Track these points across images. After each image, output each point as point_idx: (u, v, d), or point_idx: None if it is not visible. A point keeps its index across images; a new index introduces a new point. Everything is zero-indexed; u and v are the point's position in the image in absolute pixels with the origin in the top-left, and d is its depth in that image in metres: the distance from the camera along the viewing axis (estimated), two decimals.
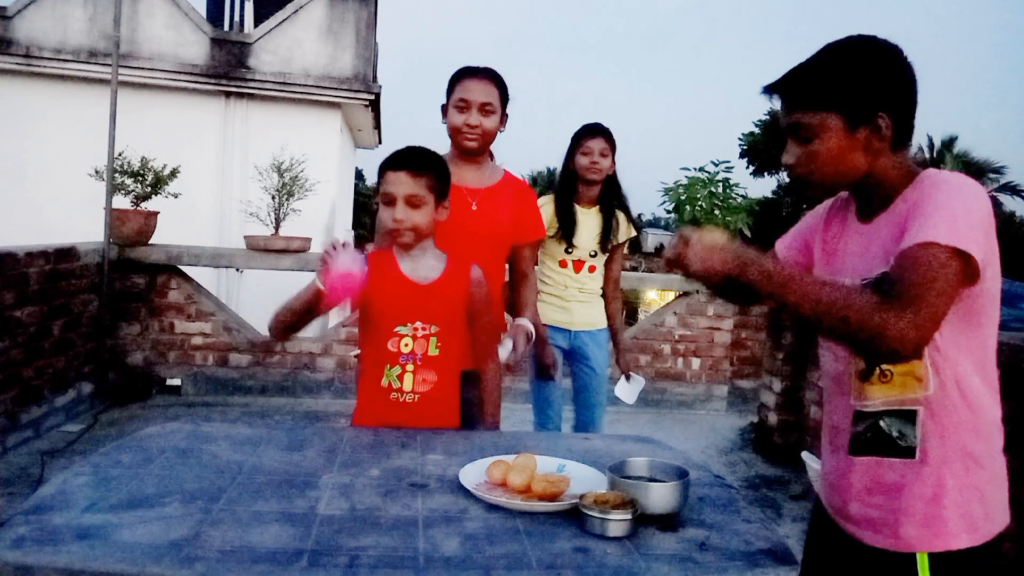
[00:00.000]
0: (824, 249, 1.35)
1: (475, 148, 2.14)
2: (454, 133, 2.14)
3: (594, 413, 3.01)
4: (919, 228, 1.08)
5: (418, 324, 1.82)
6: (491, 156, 2.29)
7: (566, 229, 2.89)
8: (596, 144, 2.87)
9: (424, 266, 1.85)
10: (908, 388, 1.17)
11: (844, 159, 1.19)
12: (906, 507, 1.17)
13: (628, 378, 3.15)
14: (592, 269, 2.97)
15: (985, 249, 1.09)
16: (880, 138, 1.17)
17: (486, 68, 2.18)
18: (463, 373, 1.91)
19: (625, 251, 3.19)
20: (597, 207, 2.95)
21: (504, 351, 2.02)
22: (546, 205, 2.91)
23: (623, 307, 3.24)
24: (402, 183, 1.77)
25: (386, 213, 1.80)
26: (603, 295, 3.07)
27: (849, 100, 1.17)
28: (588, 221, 2.93)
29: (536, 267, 2.96)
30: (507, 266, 2.32)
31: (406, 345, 1.82)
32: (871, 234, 1.23)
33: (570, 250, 2.92)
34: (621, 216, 2.99)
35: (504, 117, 2.20)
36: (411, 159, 1.81)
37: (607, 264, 3.06)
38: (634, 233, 3.07)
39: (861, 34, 1.22)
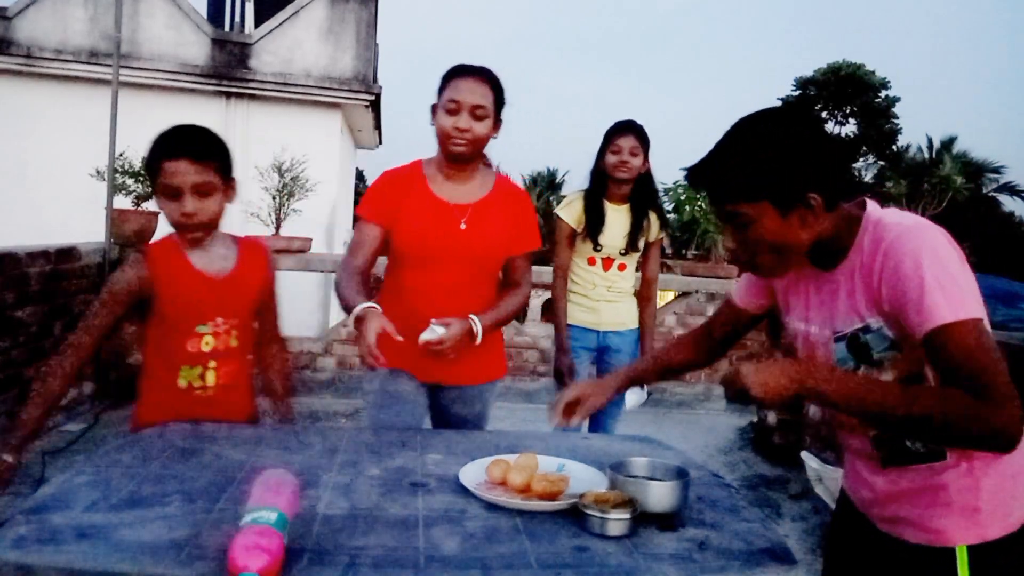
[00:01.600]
0: (788, 292, 1.37)
1: (464, 154, 1.93)
2: (442, 137, 1.93)
3: (606, 414, 2.98)
4: (922, 312, 1.08)
5: (219, 320, 1.72)
6: (485, 160, 2.11)
7: (592, 227, 2.86)
8: (626, 142, 2.81)
9: (216, 257, 1.73)
10: None
11: (781, 240, 1.20)
12: (942, 503, 1.19)
13: (641, 386, 3.11)
14: (623, 267, 2.94)
15: (975, 290, 1.10)
16: (814, 214, 1.17)
17: (481, 67, 1.96)
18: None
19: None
20: (628, 205, 2.91)
21: (428, 334, 1.73)
22: (575, 202, 2.90)
23: (655, 308, 3.14)
24: (186, 172, 1.60)
25: (171, 207, 1.62)
26: (637, 295, 3.05)
27: (776, 189, 1.16)
28: (618, 219, 2.89)
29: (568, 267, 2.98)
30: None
31: (207, 344, 1.72)
32: (834, 282, 1.24)
33: (598, 248, 2.89)
34: (653, 215, 2.94)
35: (498, 122, 1.98)
36: (192, 144, 1.64)
37: (642, 263, 3.03)
38: (664, 233, 3.01)
39: (771, 111, 1.22)
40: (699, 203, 5.59)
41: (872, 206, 1.23)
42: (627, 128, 2.84)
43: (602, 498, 1.21)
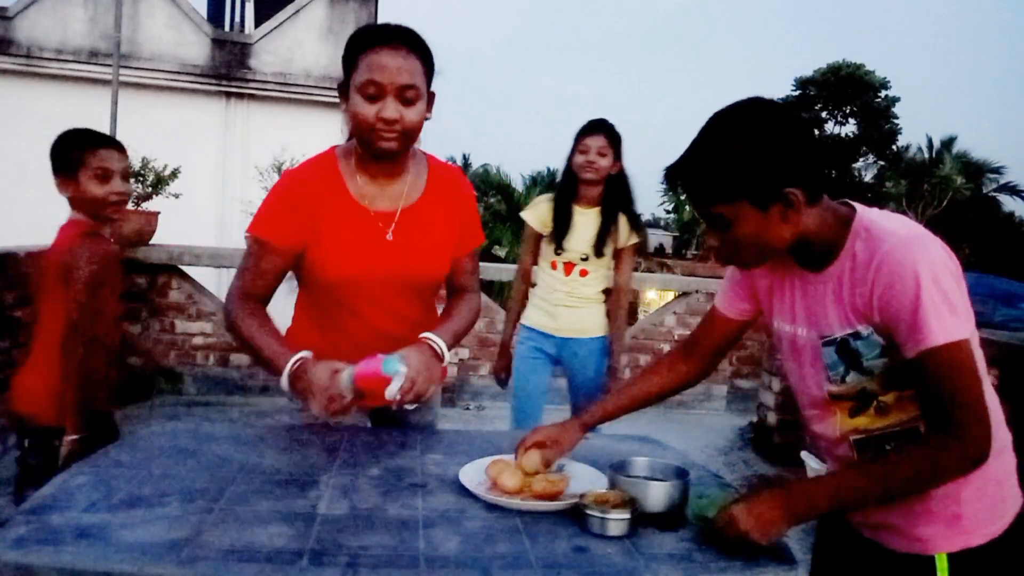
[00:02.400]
0: (773, 293, 1.33)
1: (394, 150, 1.51)
2: (363, 130, 1.49)
3: None
4: (914, 332, 1.08)
5: None
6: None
7: (558, 230, 2.77)
8: (594, 142, 2.71)
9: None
10: (905, 411, 1.19)
11: (765, 237, 1.16)
12: (923, 510, 1.18)
13: None
14: (584, 273, 2.81)
15: (966, 306, 1.11)
16: (795, 209, 1.14)
17: (402, 31, 1.50)
18: None
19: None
20: (598, 208, 2.78)
21: (394, 388, 1.40)
22: (541, 204, 2.83)
23: (627, 317, 3.00)
24: (118, 159, 1.97)
25: (103, 189, 1.93)
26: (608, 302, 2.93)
27: (752, 188, 1.12)
28: (585, 223, 2.78)
29: (534, 267, 2.93)
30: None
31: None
32: (822, 285, 1.21)
33: (559, 252, 2.78)
34: (623, 219, 2.80)
35: (431, 100, 1.55)
36: (114, 139, 2.03)
37: (613, 271, 2.90)
38: (636, 240, 2.84)
39: (745, 104, 1.17)
40: None
41: (861, 208, 1.20)
42: (596, 127, 2.74)
43: (602, 498, 1.21)
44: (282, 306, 1.85)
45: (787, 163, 1.12)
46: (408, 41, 1.48)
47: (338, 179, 1.58)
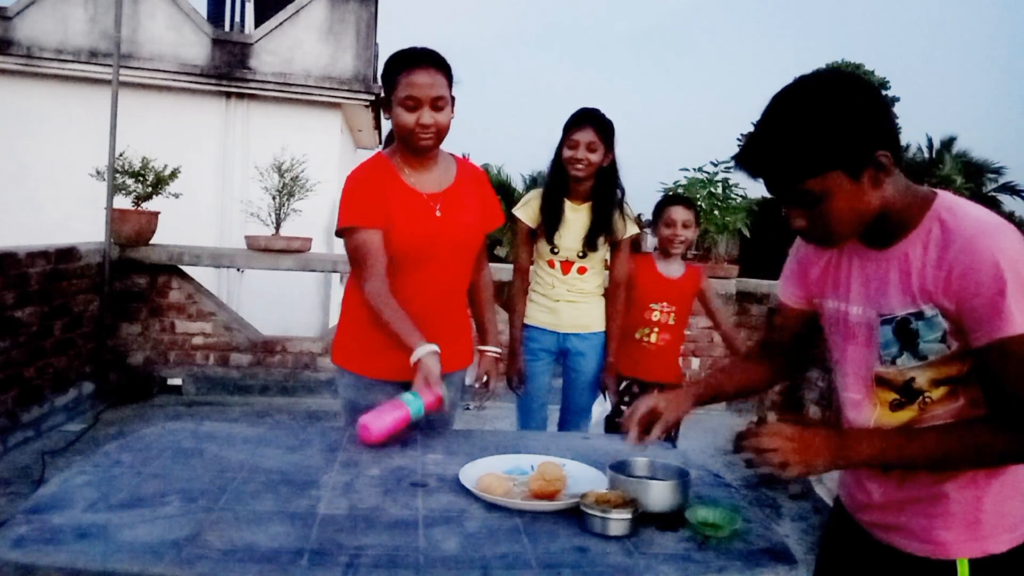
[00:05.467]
0: (826, 271, 1.30)
1: (430, 147, 1.91)
2: (406, 134, 1.87)
3: (576, 419, 2.86)
4: (993, 318, 1.05)
5: None
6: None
7: (548, 227, 2.69)
8: (583, 136, 2.59)
9: None
10: (941, 404, 1.15)
11: (857, 207, 1.12)
12: (943, 513, 1.15)
13: (604, 396, 2.87)
14: (583, 271, 2.74)
15: None
16: (886, 172, 1.11)
17: (428, 54, 1.89)
18: None
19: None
20: (589, 203, 2.69)
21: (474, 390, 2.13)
22: (532, 200, 2.75)
23: (624, 312, 2.88)
24: None
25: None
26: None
27: (845, 154, 1.08)
28: (577, 219, 2.69)
29: (532, 266, 2.85)
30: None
31: None
32: (886, 262, 1.18)
33: (555, 250, 2.72)
34: (617, 212, 2.71)
35: (452, 102, 1.93)
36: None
37: (610, 263, 2.84)
38: (635, 230, 2.79)
39: (814, 75, 1.14)
40: (699, 203, 5.59)
41: (943, 192, 1.17)
42: (584, 120, 2.62)
43: (603, 498, 1.21)
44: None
45: (874, 125, 1.09)
46: (434, 62, 1.87)
47: (392, 172, 1.95)
